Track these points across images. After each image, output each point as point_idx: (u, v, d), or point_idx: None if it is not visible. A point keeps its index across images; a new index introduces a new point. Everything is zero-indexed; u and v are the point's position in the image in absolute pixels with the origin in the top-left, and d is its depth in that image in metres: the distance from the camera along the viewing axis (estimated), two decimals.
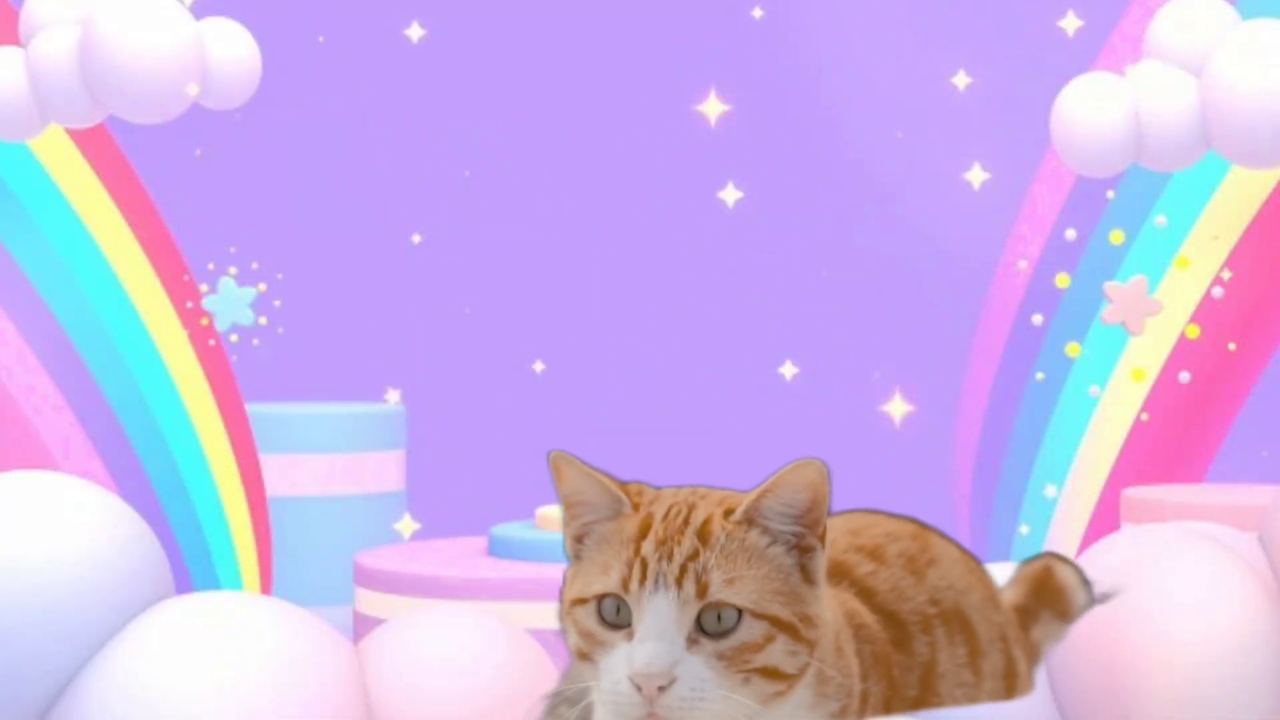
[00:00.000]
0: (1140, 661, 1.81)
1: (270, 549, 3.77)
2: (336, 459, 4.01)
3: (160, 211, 3.66)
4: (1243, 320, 3.45)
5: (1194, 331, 3.39)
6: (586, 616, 1.31)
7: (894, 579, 1.50)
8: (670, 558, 1.28)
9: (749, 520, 1.31)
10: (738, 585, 1.28)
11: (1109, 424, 3.50)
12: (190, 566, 3.52)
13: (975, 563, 1.61)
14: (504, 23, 4.49)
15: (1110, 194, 3.49)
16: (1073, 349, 3.47)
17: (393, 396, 4.42)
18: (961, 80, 4.27)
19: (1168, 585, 1.81)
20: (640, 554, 1.29)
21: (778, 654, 1.28)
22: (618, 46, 4.44)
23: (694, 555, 1.28)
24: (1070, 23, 3.98)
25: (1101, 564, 1.86)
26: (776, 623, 1.28)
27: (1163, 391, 3.45)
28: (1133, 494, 3.25)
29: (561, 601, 1.36)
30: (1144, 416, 3.47)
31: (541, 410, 4.39)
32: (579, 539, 1.35)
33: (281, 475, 3.89)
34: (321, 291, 4.40)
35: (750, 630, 1.28)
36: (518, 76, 4.48)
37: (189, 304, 3.61)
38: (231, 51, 3.25)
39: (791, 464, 1.30)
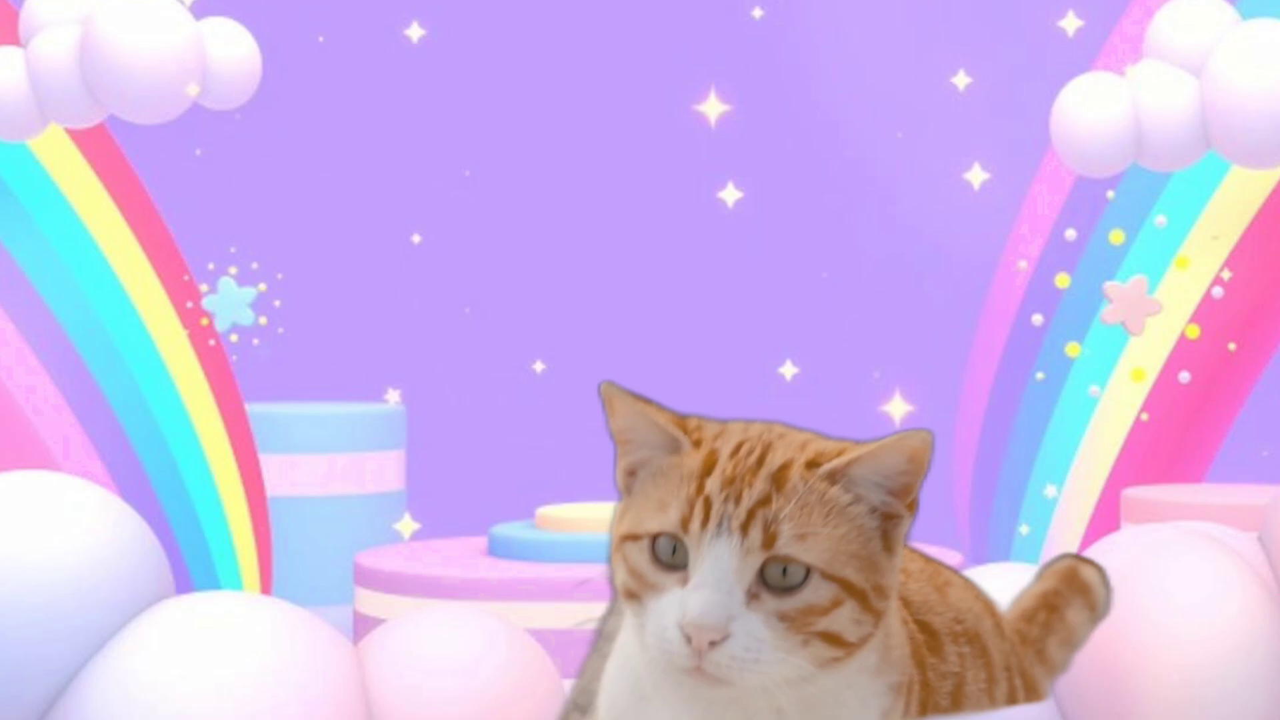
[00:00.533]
0: (1140, 661, 1.81)
1: (270, 549, 3.77)
2: (336, 459, 4.01)
3: (160, 211, 3.66)
4: (1243, 320, 3.45)
5: (1194, 331, 3.39)
6: (638, 554, 1.18)
7: (923, 593, 1.44)
8: (738, 500, 1.15)
9: (833, 478, 1.18)
10: (810, 541, 1.15)
11: (1109, 424, 3.50)
12: (190, 566, 3.52)
13: (980, 590, 1.59)
14: (504, 23, 4.49)
15: (1110, 194, 3.49)
16: (1073, 349, 3.47)
17: (393, 396, 4.42)
18: (961, 80, 4.27)
19: (1168, 585, 1.81)
20: (704, 492, 1.16)
21: (843, 620, 1.17)
22: (618, 46, 4.44)
23: (765, 501, 1.15)
24: (1070, 23, 3.98)
25: (1101, 564, 1.86)
26: (847, 587, 1.16)
27: (1163, 391, 3.45)
28: (1133, 494, 3.25)
29: (611, 536, 1.23)
30: (1144, 416, 3.46)
31: (541, 410, 4.39)
32: (630, 473, 1.23)
33: (281, 475, 3.89)
34: (321, 291, 4.40)
35: (818, 591, 1.15)
36: (518, 76, 4.48)
37: (189, 304, 3.61)
38: (231, 51, 3.25)
39: (897, 434, 1.20)
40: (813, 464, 1.19)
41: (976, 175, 4.18)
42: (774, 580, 1.14)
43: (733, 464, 1.17)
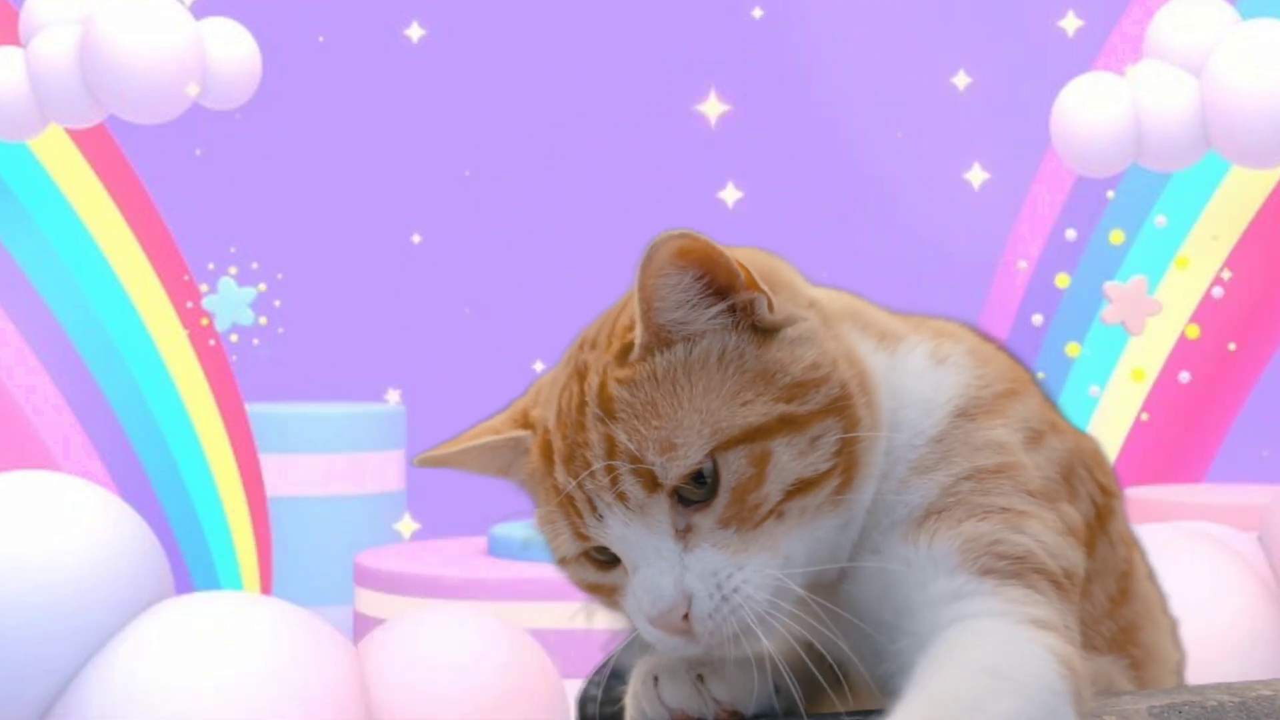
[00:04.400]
0: None
1: (270, 549, 3.77)
2: (336, 459, 4.01)
3: (160, 211, 3.66)
4: (1243, 320, 3.45)
5: (1194, 331, 3.39)
6: (581, 573, 0.98)
7: None
8: (590, 471, 0.91)
9: (651, 350, 0.92)
10: (681, 440, 0.88)
11: (1109, 424, 3.50)
12: (190, 566, 3.52)
13: None
14: (504, 23, 4.49)
15: (1110, 194, 3.49)
16: (1073, 349, 3.47)
17: (393, 396, 4.42)
18: (961, 80, 4.27)
19: (1168, 585, 1.81)
20: (560, 491, 0.93)
21: (787, 466, 0.89)
22: (618, 46, 4.44)
23: (610, 448, 0.90)
24: (1070, 23, 3.98)
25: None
26: (757, 433, 0.89)
27: (1163, 391, 3.45)
28: (1133, 494, 3.25)
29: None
30: (1144, 416, 3.46)
31: None
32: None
33: (281, 475, 3.89)
34: (321, 291, 4.40)
35: (733, 468, 0.89)
36: (518, 76, 4.48)
37: (189, 304, 3.61)
38: (231, 51, 3.25)
39: (644, 255, 0.91)
40: (621, 357, 0.93)
41: (976, 175, 4.18)
42: (693, 497, 0.90)
43: (561, 433, 0.94)
